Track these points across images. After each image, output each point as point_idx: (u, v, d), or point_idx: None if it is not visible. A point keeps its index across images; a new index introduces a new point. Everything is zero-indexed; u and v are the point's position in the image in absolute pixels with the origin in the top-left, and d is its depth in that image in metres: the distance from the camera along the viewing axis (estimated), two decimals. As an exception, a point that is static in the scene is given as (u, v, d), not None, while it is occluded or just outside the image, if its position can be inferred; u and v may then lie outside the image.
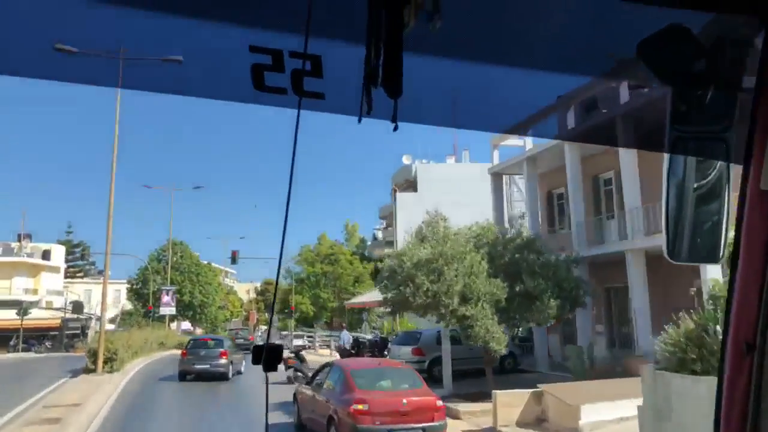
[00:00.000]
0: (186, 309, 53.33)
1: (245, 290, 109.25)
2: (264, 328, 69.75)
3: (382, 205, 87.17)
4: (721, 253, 1.29)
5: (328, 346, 39.76)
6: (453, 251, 14.98)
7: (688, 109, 1.20)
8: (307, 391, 13.94)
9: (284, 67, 1.02)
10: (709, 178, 1.27)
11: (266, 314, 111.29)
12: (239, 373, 24.24)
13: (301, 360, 22.22)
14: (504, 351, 14.55)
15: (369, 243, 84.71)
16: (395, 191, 76.33)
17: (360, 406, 11.71)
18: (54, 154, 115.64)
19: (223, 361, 22.36)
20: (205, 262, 56.29)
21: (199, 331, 61.07)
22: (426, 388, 12.85)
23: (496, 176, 24.17)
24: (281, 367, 22.86)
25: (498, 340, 14.13)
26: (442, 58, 1.20)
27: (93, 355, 23.20)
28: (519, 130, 1.69)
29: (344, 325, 22.36)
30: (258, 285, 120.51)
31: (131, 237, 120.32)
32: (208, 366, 22.17)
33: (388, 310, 48.00)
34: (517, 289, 14.84)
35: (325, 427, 12.47)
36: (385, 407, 11.77)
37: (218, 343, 23.22)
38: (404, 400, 11.87)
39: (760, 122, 1.19)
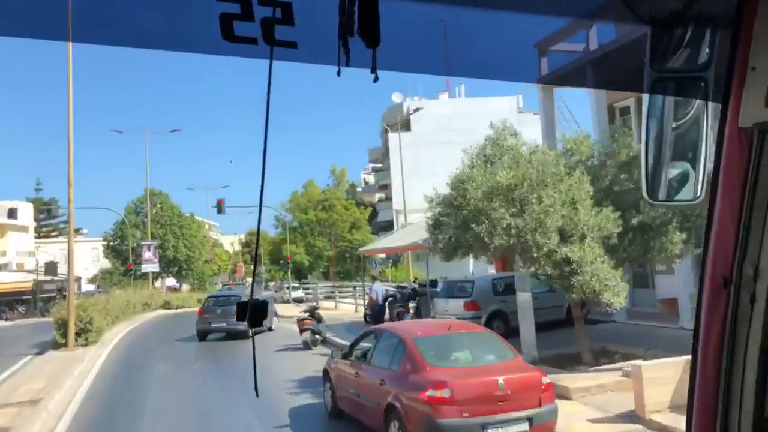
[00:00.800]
0: (170, 265, 49.00)
1: (230, 243, 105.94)
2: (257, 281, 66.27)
3: (372, 147, 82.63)
4: (699, 192, 1.28)
5: (332, 298, 36.05)
6: (540, 174, 10.88)
7: (666, 49, 1.19)
8: (346, 367, 10.03)
9: (254, 15, 0.97)
10: (688, 117, 1.26)
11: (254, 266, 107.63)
12: (270, 329, 21.83)
13: (318, 319, 18.33)
14: (623, 303, 10.71)
15: (360, 188, 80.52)
16: (387, 132, 71.77)
17: (438, 392, 7.87)
18: (17, 106, 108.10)
19: None
20: (188, 214, 51.72)
21: (185, 287, 57.08)
22: (520, 359, 9.05)
23: (546, 90, 19.90)
24: (295, 329, 19.02)
25: (614, 289, 10.24)
26: (421, 3, 1.17)
27: (62, 326, 19.00)
28: (503, 74, 1.64)
29: (376, 276, 18.36)
30: (243, 237, 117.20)
31: (105, 189, 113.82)
32: (225, 324, 20.30)
33: (384, 257, 43.62)
34: (634, 221, 10.83)
35: (381, 418, 8.66)
36: (474, 392, 8.04)
37: (236, 299, 20.84)
38: (500, 380, 8.01)
39: (738, 60, 1.17)
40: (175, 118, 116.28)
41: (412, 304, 21.40)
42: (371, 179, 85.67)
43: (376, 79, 1.01)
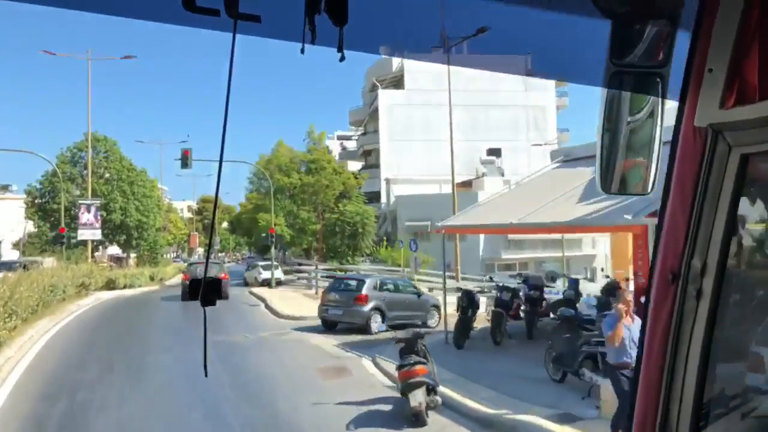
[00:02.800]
0: (116, 231, 38.47)
1: (179, 210, 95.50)
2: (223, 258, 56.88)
3: (352, 108, 72.76)
4: (650, 187, 1.32)
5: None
6: None
7: (626, 43, 1.21)
8: None
9: None
10: (644, 112, 1.29)
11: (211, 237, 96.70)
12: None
13: (424, 354, 9.20)
14: None
15: (337, 155, 70.78)
16: (376, 88, 62.12)
17: None
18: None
19: (361, 308, 16.77)
20: (140, 169, 41.02)
21: (132, 260, 46.55)
22: None
23: None
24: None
25: None
26: None
27: None
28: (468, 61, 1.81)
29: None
30: (194, 203, 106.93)
31: (30, 130, 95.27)
32: (340, 313, 17.10)
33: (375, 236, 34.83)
34: None
35: None
36: None
37: (357, 285, 17.31)
38: None
39: (696, 60, 1.20)
40: (128, 49, 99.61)
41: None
42: (350, 145, 76.21)
43: (342, 59, 0.99)
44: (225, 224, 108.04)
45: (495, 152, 58.48)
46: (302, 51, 0.97)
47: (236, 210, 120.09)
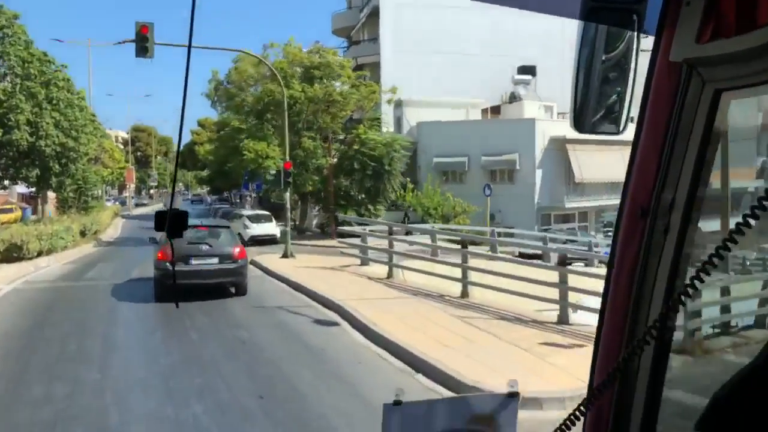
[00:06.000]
0: (21, 162, 24.30)
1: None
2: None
3: (336, 13, 58.10)
4: (623, 125, 1.31)
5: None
6: None
7: None
8: None
9: None
10: (619, 48, 1.28)
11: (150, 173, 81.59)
12: None
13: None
14: None
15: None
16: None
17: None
18: None
19: None
20: (60, 66, 26.35)
21: (51, 203, 32.39)
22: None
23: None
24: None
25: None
26: None
27: None
28: None
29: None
30: (124, 132, 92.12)
31: None
32: None
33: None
34: None
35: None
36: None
37: None
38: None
39: None
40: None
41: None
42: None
43: None
44: (159, 158, 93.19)
45: (529, 70, 46.34)
46: None
47: (172, 140, 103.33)
